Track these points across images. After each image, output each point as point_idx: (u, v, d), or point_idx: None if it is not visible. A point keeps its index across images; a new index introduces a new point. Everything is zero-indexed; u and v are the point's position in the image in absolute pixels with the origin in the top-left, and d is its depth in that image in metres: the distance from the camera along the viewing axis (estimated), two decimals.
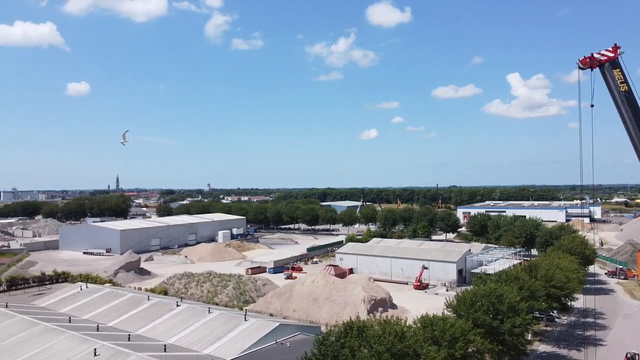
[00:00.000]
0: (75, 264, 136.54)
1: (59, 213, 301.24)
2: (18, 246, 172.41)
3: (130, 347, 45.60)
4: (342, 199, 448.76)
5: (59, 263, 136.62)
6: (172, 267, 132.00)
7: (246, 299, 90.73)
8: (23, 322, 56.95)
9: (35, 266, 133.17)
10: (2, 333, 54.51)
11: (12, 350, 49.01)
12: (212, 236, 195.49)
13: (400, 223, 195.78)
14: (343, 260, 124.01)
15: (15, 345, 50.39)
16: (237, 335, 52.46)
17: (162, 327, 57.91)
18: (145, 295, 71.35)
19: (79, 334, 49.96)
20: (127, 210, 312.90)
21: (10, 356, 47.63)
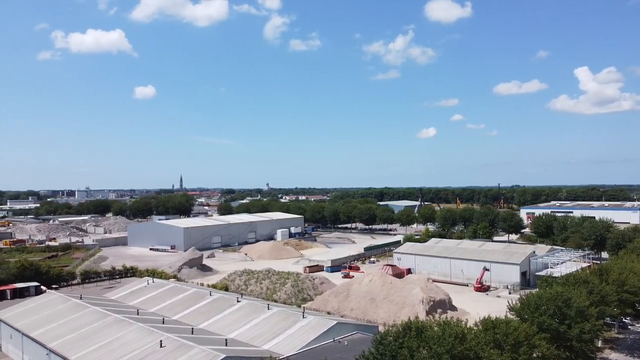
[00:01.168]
0: (142, 260, 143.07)
1: (128, 211, 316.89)
2: (91, 242, 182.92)
3: (193, 340, 47.27)
4: (400, 198, 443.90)
5: (127, 258, 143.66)
6: (233, 264, 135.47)
7: (304, 296, 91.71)
8: (96, 313, 60.40)
9: (106, 261, 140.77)
10: (77, 322, 58.12)
11: (86, 339, 52.14)
12: (270, 234, 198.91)
13: (460, 223, 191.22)
14: (401, 260, 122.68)
15: (89, 334, 53.55)
16: (296, 332, 53.14)
17: (223, 322, 59.62)
18: (208, 291, 73.65)
19: (146, 326, 52.36)
20: (190, 209, 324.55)
21: (86, 344, 50.71)
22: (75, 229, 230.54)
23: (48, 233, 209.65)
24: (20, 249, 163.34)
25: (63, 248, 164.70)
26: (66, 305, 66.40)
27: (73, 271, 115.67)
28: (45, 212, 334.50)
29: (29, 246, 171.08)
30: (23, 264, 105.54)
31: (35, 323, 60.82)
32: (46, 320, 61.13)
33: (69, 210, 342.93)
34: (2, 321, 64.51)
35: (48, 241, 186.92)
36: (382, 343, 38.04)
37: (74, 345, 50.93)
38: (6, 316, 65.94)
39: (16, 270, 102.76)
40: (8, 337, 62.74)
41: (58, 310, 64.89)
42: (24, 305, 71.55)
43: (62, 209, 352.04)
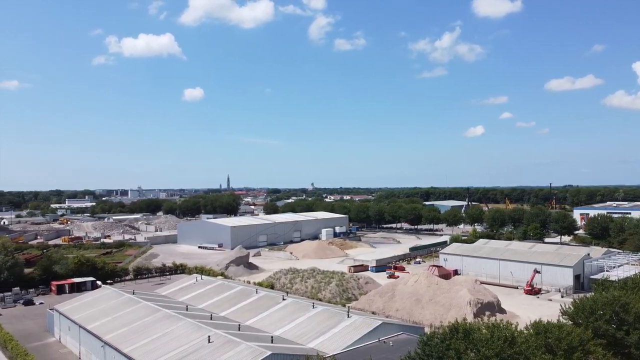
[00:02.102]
0: (191, 257, 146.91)
1: (177, 210, 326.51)
2: (143, 240, 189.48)
3: (240, 337, 48.15)
4: (446, 198, 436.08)
5: (177, 256, 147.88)
6: (278, 263, 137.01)
7: (349, 296, 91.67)
8: (147, 308, 62.54)
9: (157, 258, 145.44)
10: (130, 316, 60.39)
11: (139, 332, 54.11)
12: (315, 234, 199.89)
13: (509, 224, 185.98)
14: (447, 261, 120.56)
15: (141, 328, 55.54)
16: (341, 331, 53.21)
17: (269, 319, 60.44)
18: (254, 289, 74.83)
19: (195, 322, 53.76)
20: (237, 208, 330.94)
21: (138, 337, 52.64)
22: (128, 227, 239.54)
23: (103, 231, 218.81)
24: (78, 245, 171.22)
25: (117, 245, 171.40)
26: (120, 299, 69.09)
27: (126, 267, 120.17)
28: (100, 210, 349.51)
29: (86, 243, 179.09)
30: (80, 260, 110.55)
31: (91, 316, 63.63)
32: (101, 314, 63.83)
33: (123, 209, 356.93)
34: (61, 314, 67.80)
35: (103, 238, 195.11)
36: (429, 344, 37.54)
37: (127, 338, 52.94)
38: (64, 309, 69.28)
39: (74, 265, 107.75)
40: (67, 329, 65.90)
41: (112, 304, 67.61)
42: (80, 299, 74.99)
43: (116, 207, 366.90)
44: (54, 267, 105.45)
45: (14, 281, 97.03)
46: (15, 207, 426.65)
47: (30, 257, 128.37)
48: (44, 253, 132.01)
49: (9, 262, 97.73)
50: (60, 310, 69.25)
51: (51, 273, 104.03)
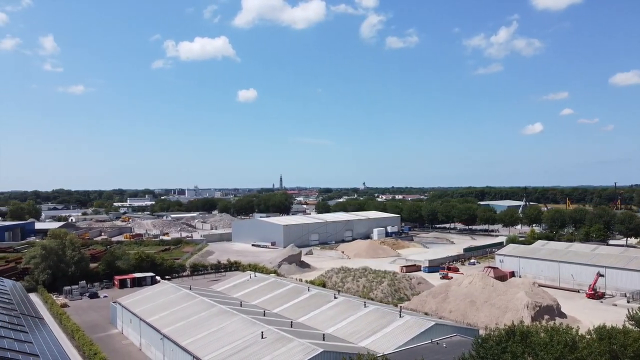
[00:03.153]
0: (244, 255, 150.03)
1: (232, 209, 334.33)
2: (199, 237, 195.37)
3: (292, 333, 48.77)
4: (502, 198, 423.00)
5: (231, 253, 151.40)
6: (330, 262, 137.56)
7: (400, 296, 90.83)
8: (203, 303, 64.47)
9: (212, 255, 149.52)
10: (187, 311, 62.46)
11: (195, 327, 55.88)
12: (367, 233, 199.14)
13: (570, 225, 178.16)
14: (503, 262, 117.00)
15: (197, 322, 57.33)
16: (393, 331, 52.82)
17: (320, 317, 60.83)
18: (306, 287, 75.54)
19: (249, 317, 54.91)
20: (289, 207, 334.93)
21: (195, 331, 54.37)
22: (185, 225, 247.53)
23: (162, 228, 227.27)
24: (138, 242, 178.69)
25: (175, 242, 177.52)
26: (177, 294, 71.57)
27: (183, 264, 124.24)
28: (159, 209, 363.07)
29: (146, 240, 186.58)
30: (141, 256, 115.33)
31: (151, 310, 66.28)
32: (160, 308, 66.36)
33: (180, 208, 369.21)
34: (124, 307, 71.00)
35: (162, 236, 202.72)
36: (483, 346, 36.65)
37: (184, 332, 54.79)
38: (126, 302, 72.50)
39: (135, 261, 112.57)
40: (128, 321, 68.96)
41: (170, 299, 70.14)
42: (141, 293, 78.23)
43: (174, 206, 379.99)
44: (117, 263, 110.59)
45: (80, 275, 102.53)
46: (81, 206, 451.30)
47: (95, 253, 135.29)
48: (107, 249, 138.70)
49: (76, 257, 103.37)
50: (123, 303, 72.53)
51: (114, 268, 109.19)
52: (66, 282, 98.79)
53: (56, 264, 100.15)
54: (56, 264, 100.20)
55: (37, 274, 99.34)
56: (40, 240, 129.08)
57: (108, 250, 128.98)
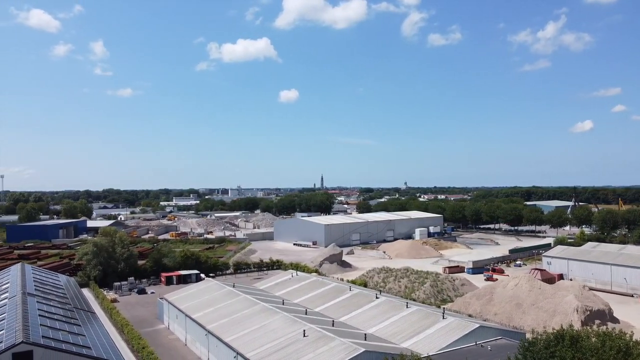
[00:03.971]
0: (286, 254, 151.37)
1: (274, 208, 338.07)
2: (242, 236, 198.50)
3: (334, 332, 48.93)
4: (549, 198, 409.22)
5: (273, 252, 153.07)
6: (371, 261, 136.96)
7: (443, 297, 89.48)
8: (246, 300, 65.54)
9: (255, 254, 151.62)
10: (231, 308, 63.68)
11: (239, 323, 56.92)
12: (409, 233, 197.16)
13: (623, 226, 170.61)
14: (551, 264, 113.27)
15: (241, 319, 58.37)
16: (435, 332, 52.15)
17: (362, 317, 60.73)
18: (347, 286, 75.55)
19: (291, 316, 55.45)
20: (330, 207, 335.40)
21: (239, 327, 55.40)
22: (229, 224, 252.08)
23: (206, 227, 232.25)
24: (184, 240, 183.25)
25: (218, 241, 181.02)
26: (221, 292, 73.03)
27: (227, 262, 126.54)
28: (203, 208, 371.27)
29: (191, 238, 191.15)
30: (186, 254, 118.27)
31: (195, 306, 67.93)
32: (205, 305, 67.91)
33: (223, 207, 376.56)
34: (170, 303, 73.06)
35: (206, 234, 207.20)
36: (530, 350, 35.68)
37: (228, 328, 55.89)
38: (172, 299, 74.58)
39: (180, 259, 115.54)
40: (174, 317, 70.90)
41: (215, 296, 71.65)
42: (186, 290, 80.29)
43: (217, 205, 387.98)
44: (163, 260, 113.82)
45: (129, 271, 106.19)
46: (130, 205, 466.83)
47: (142, 250, 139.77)
48: (154, 247, 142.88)
49: (125, 254, 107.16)
50: (169, 299, 74.64)
51: (161, 265, 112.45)
52: (116, 278, 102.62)
53: (107, 261, 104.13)
54: (107, 260, 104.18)
55: (89, 270, 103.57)
56: (92, 238, 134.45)
57: (155, 248, 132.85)
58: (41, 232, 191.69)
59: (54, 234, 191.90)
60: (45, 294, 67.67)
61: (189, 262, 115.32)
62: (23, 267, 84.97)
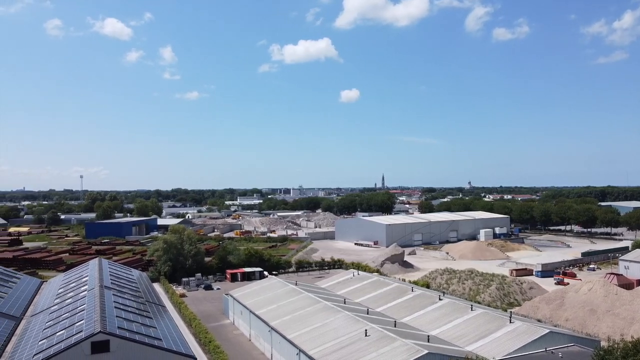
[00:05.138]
0: (347, 253, 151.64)
1: (335, 207, 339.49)
2: (303, 235, 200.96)
3: (396, 333, 48.57)
4: (627, 198, 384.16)
5: (334, 251, 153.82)
6: (434, 262, 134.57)
7: (510, 301, 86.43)
8: (309, 299, 66.33)
9: (316, 253, 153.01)
10: (293, 305, 64.70)
11: (301, 321, 57.74)
12: (473, 234, 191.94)
13: None
14: (629, 269, 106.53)
15: (303, 317, 59.19)
16: (502, 337, 50.53)
17: (424, 318, 59.85)
18: (409, 287, 74.68)
19: (352, 315, 55.58)
20: (391, 207, 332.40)
21: (300, 326, 56.20)
22: (291, 223, 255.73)
23: (269, 226, 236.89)
24: (248, 238, 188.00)
25: (281, 239, 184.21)
26: (284, 289, 74.33)
27: (289, 260, 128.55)
28: (266, 207, 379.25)
29: (254, 237, 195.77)
30: (250, 252, 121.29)
31: (259, 303, 69.55)
32: (268, 302, 69.40)
33: (285, 206, 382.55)
34: (235, 299, 75.26)
35: (269, 233, 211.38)
36: (606, 359, 33.85)
37: (290, 326, 56.84)
38: (237, 295, 76.76)
39: (245, 256, 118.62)
40: (239, 313, 72.97)
41: (277, 293, 73.04)
42: (250, 286, 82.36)
43: (279, 205, 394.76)
44: (229, 257, 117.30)
45: (197, 268, 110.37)
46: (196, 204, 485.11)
47: (209, 248, 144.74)
48: (220, 244, 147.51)
49: (192, 251, 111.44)
50: (234, 295, 76.89)
51: (226, 262, 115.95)
52: (184, 274, 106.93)
53: (176, 257, 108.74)
54: (176, 257, 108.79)
55: (159, 266, 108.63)
56: (162, 235, 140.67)
57: (220, 246, 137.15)
58: (116, 229, 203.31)
59: (127, 231, 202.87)
60: (120, 287, 71.65)
61: (253, 259, 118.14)
62: (100, 262, 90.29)
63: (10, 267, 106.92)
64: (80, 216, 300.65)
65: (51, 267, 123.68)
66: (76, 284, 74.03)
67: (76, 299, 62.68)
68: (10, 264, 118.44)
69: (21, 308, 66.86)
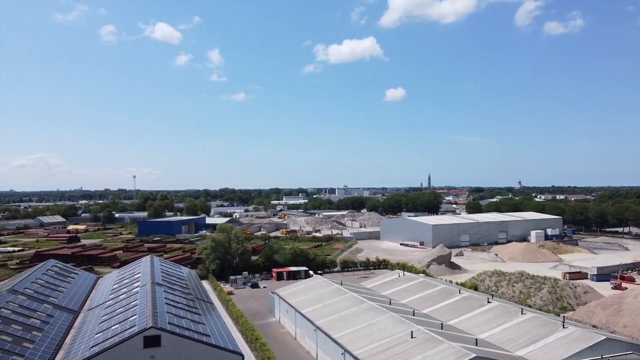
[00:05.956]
0: (392, 253, 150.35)
1: (380, 207, 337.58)
2: (348, 235, 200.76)
3: (442, 335, 47.77)
4: None
5: (379, 251, 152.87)
6: (482, 264, 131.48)
7: (563, 305, 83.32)
8: (354, 299, 66.26)
9: (361, 253, 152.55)
10: (338, 305, 64.80)
11: (346, 321, 57.76)
12: (523, 235, 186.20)
13: None
14: None
15: (348, 316, 59.19)
16: (554, 342, 48.78)
17: (472, 322, 58.57)
18: (457, 289, 73.25)
19: (398, 316, 55.09)
20: (438, 207, 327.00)
21: (346, 325, 56.24)
22: (336, 223, 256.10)
23: (314, 225, 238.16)
24: (293, 238, 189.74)
25: (326, 239, 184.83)
26: (329, 289, 74.52)
27: (334, 260, 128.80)
28: (311, 207, 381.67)
29: (300, 236, 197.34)
30: (295, 251, 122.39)
31: (305, 302, 70.03)
32: (313, 301, 69.78)
33: (330, 206, 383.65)
34: (281, 298, 76.13)
35: (314, 232, 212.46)
36: None
37: (335, 325, 56.95)
38: (283, 293, 77.62)
39: (290, 255, 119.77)
40: (285, 311, 73.78)
41: (322, 293, 73.31)
42: (296, 285, 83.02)
43: (325, 204, 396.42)
44: (275, 256, 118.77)
45: (243, 266, 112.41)
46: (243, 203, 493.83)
47: (255, 247, 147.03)
48: (266, 243, 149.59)
49: (240, 249, 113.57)
50: (280, 294, 77.78)
51: (272, 261, 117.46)
52: (231, 272, 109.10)
53: (223, 255, 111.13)
54: (223, 255, 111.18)
55: (207, 264, 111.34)
56: (210, 234, 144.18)
57: (267, 245, 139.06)
58: (167, 227, 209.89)
59: (177, 230, 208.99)
60: (171, 284, 73.93)
61: (298, 259, 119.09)
62: (152, 259, 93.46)
63: (69, 263, 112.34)
64: (133, 215, 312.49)
65: (106, 263, 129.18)
66: (129, 280, 76.97)
67: (129, 294, 65.18)
68: (69, 260, 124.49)
69: (79, 302, 70.21)
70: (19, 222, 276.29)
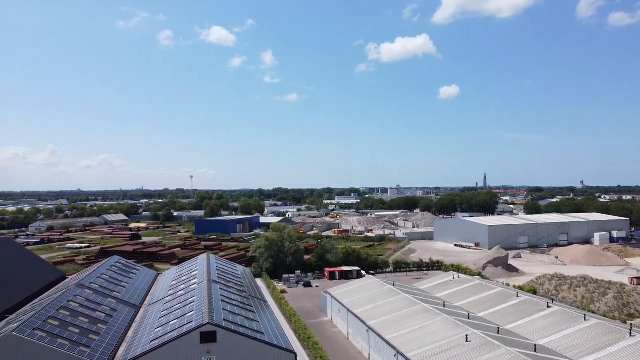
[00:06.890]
0: (446, 254, 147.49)
1: (433, 207, 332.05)
2: (401, 235, 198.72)
3: (499, 340, 46.47)
4: None
5: (433, 252, 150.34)
6: (541, 267, 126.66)
7: (630, 311, 78.90)
8: (406, 300, 65.60)
9: (414, 253, 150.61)
10: (391, 306, 64.35)
11: (398, 322, 57.29)
12: (586, 237, 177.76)
13: None
14: None
15: (401, 318, 58.67)
16: (621, 351, 46.30)
17: (531, 327, 56.57)
18: (514, 292, 70.97)
19: (452, 319, 54.05)
20: (494, 207, 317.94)
21: (398, 327, 55.79)
22: (388, 223, 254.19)
23: (366, 225, 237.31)
24: (345, 237, 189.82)
25: (378, 239, 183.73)
26: (381, 289, 74.13)
27: (386, 260, 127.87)
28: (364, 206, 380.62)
29: (352, 236, 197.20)
30: (348, 251, 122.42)
31: (357, 302, 70.00)
32: (366, 301, 69.64)
33: (383, 206, 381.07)
34: (333, 297, 76.44)
35: (366, 232, 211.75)
36: None
37: (388, 326, 56.60)
38: (335, 293, 77.89)
39: (342, 255, 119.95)
40: (337, 311, 74.02)
41: (375, 293, 73.02)
42: (348, 285, 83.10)
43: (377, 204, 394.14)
44: (327, 256, 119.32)
45: (296, 265, 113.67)
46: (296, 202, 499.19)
47: (308, 246, 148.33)
48: (319, 243, 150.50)
49: (292, 248, 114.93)
50: (332, 294, 78.10)
51: (324, 260, 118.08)
52: (284, 271, 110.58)
53: (277, 254, 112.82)
54: (277, 254, 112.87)
55: (261, 262, 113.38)
56: (264, 233, 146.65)
57: (319, 244, 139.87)
58: (222, 226, 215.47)
59: (232, 228, 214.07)
60: (226, 281, 75.86)
61: (351, 258, 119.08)
62: (208, 257, 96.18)
63: (131, 259, 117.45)
64: (190, 213, 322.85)
65: (165, 260, 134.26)
66: (187, 277, 79.65)
67: (187, 291, 67.46)
68: (131, 256, 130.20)
69: (140, 297, 73.36)
70: (85, 220, 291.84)
